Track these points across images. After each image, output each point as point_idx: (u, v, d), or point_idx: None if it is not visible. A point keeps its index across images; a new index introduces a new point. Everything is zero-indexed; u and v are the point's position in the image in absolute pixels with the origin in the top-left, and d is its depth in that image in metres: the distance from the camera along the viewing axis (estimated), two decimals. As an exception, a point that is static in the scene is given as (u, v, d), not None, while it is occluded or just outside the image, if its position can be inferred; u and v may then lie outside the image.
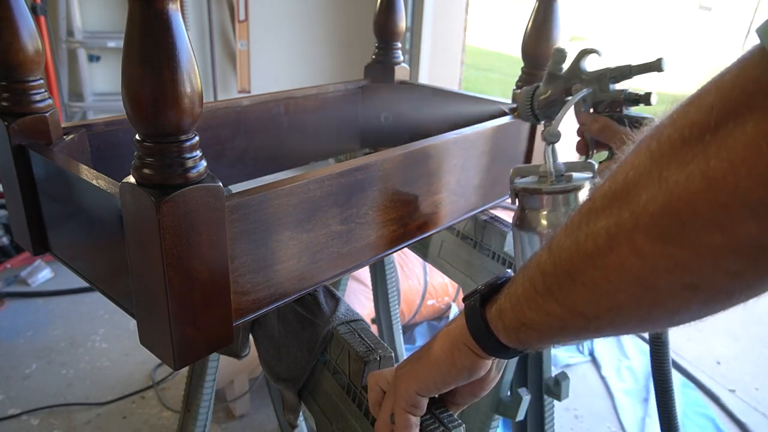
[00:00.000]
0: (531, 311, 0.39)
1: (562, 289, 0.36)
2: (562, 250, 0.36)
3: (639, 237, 0.30)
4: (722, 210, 0.27)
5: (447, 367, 0.45)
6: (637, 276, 0.31)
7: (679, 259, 0.29)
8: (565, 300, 0.36)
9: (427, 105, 0.96)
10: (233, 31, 2.63)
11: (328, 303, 0.62)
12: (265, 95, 0.85)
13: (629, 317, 0.34)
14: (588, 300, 0.34)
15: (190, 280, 0.45)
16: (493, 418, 0.86)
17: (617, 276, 0.32)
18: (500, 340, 0.42)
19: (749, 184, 0.26)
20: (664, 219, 0.29)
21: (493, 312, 0.43)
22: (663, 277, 0.30)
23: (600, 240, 0.33)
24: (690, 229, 0.28)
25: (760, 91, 0.26)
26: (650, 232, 0.30)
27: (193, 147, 0.42)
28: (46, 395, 1.58)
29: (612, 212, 0.32)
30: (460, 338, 0.44)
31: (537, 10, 0.76)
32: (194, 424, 1.04)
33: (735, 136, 0.26)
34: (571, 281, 0.35)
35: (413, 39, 2.65)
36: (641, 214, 0.30)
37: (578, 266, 0.34)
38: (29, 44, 0.56)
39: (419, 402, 0.47)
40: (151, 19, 0.37)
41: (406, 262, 1.82)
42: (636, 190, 0.31)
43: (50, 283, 2.11)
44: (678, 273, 0.30)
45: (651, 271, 0.31)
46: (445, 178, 0.70)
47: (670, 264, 0.30)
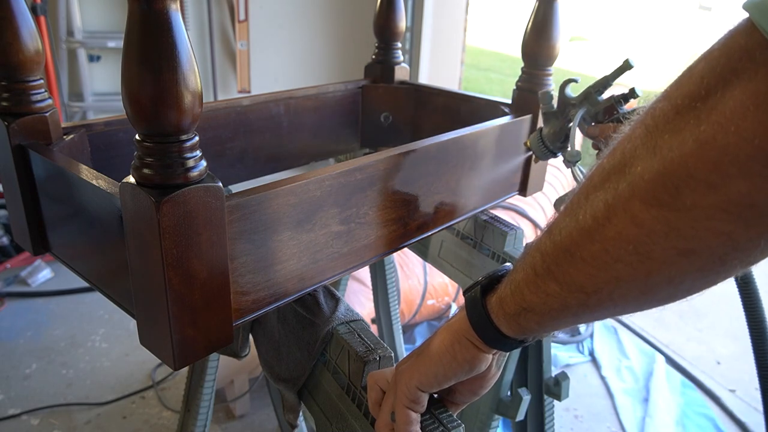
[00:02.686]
0: (531, 294, 0.39)
1: (561, 267, 0.36)
2: (561, 229, 0.37)
3: (636, 204, 0.31)
4: (713, 169, 0.28)
5: (448, 361, 0.45)
6: (634, 244, 0.32)
7: (673, 223, 0.30)
8: (564, 277, 0.36)
9: (427, 105, 0.96)
10: (233, 31, 2.63)
11: (328, 303, 0.62)
12: (265, 95, 0.85)
13: (628, 289, 0.34)
14: (587, 274, 0.35)
15: (190, 280, 0.45)
16: (493, 418, 0.86)
17: (615, 246, 0.33)
18: (501, 329, 0.43)
19: (737, 141, 0.27)
20: (659, 184, 0.30)
21: (494, 301, 0.43)
22: (659, 242, 0.31)
23: (598, 213, 0.33)
24: (683, 191, 0.29)
25: (747, 57, 0.27)
26: (646, 198, 0.31)
27: (193, 147, 0.42)
28: (46, 395, 1.58)
29: (610, 186, 0.33)
30: (461, 331, 0.45)
31: (537, 10, 0.76)
32: (194, 424, 1.04)
33: (724, 101, 0.28)
34: (569, 257, 0.36)
35: (413, 39, 2.64)
36: (637, 182, 0.31)
37: (577, 241, 0.35)
38: (29, 44, 0.56)
39: (420, 397, 0.47)
40: (151, 19, 0.37)
41: (406, 262, 1.82)
42: (632, 162, 0.32)
43: (50, 283, 2.11)
44: (673, 238, 0.30)
45: (647, 237, 0.31)
46: (445, 178, 0.70)
47: (666, 228, 0.30)
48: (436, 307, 1.86)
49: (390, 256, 1.28)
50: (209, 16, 2.56)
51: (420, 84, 0.98)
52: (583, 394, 1.72)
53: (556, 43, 0.77)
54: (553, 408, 0.93)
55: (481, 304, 0.44)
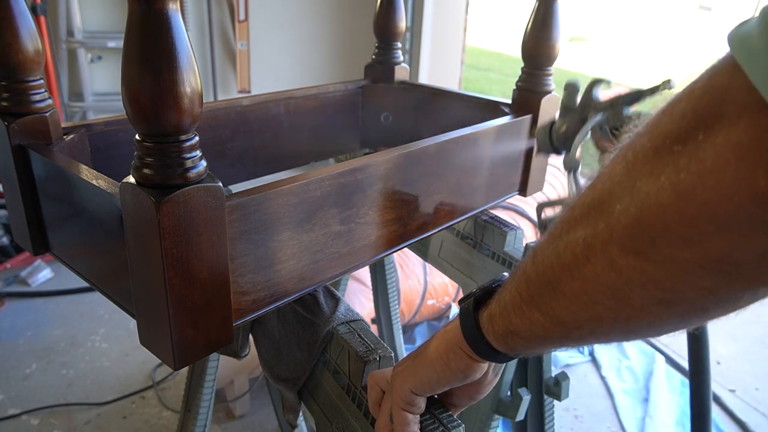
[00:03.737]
0: (517, 318, 0.39)
1: (544, 298, 0.36)
2: (544, 258, 0.36)
3: (614, 249, 0.30)
4: (690, 225, 0.26)
5: (442, 369, 0.45)
6: (611, 289, 0.31)
7: (651, 274, 0.29)
8: (547, 309, 0.36)
9: (427, 105, 0.96)
10: (233, 31, 2.63)
11: (328, 303, 0.62)
12: (265, 95, 0.85)
13: (609, 329, 0.33)
14: (568, 310, 0.34)
15: (190, 280, 0.45)
16: (493, 418, 0.86)
17: (593, 288, 0.32)
18: (492, 344, 0.42)
19: (717, 198, 0.25)
20: (636, 232, 0.29)
21: (485, 317, 0.42)
22: (636, 291, 0.30)
23: (578, 250, 0.32)
24: (660, 243, 0.28)
25: (729, 100, 0.25)
26: (623, 244, 0.30)
27: (193, 147, 0.42)
28: (46, 395, 1.58)
29: (589, 222, 0.32)
30: (455, 341, 0.44)
31: (537, 10, 0.76)
32: (194, 424, 1.04)
33: (705, 148, 0.26)
34: (552, 290, 0.35)
35: (413, 39, 2.64)
36: (615, 225, 0.30)
37: (558, 275, 0.34)
38: (29, 44, 0.56)
39: (415, 400, 0.47)
40: (151, 19, 0.37)
41: (406, 262, 1.82)
42: (611, 200, 0.31)
43: (50, 283, 2.11)
44: (650, 288, 0.29)
45: (625, 284, 0.30)
46: (445, 178, 0.70)
47: (643, 278, 0.29)
48: (436, 307, 1.86)
49: (390, 256, 1.28)
50: (209, 16, 2.56)
51: (420, 84, 0.98)
52: (583, 394, 1.72)
53: (556, 43, 0.77)
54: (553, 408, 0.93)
55: (473, 318, 0.43)
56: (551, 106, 0.82)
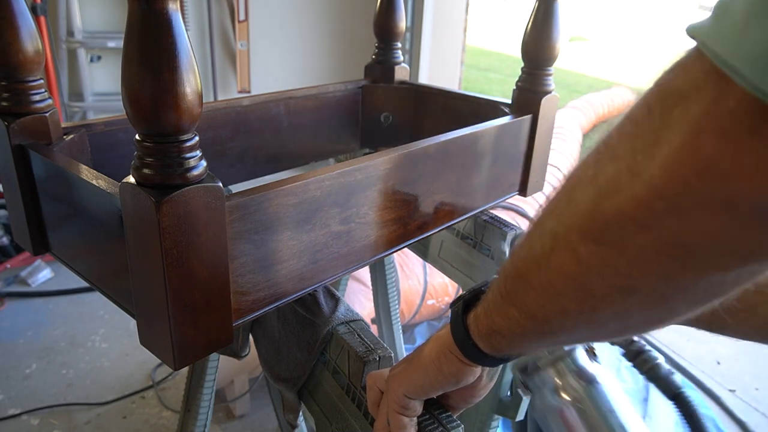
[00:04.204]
0: (497, 316, 0.39)
1: (518, 293, 0.36)
2: (519, 253, 0.36)
3: (574, 237, 0.30)
4: (642, 206, 0.26)
5: (434, 373, 0.45)
6: (573, 279, 0.31)
7: (608, 260, 0.29)
8: (520, 303, 0.36)
9: (427, 105, 0.96)
10: (233, 31, 2.63)
11: (328, 303, 0.62)
12: (265, 95, 0.85)
13: (576, 322, 0.33)
14: (537, 303, 0.34)
15: (190, 280, 0.45)
16: (493, 418, 0.86)
17: (558, 279, 0.32)
18: (479, 346, 0.42)
19: (664, 174, 0.25)
20: (594, 219, 0.29)
21: (472, 318, 0.42)
22: (596, 279, 0.30)
23: (545, 241, 0.32)
24: (615, 228, 0.28)
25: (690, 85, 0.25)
26: (582, 231, 0.29)
27: (193, 147, 0.42)
28: (46, 395, 1.58)
29: (557, 213, 0.32)
30: (446, 345, 0.44)
31: (537, 10, 0.76)
32: (194, 424, 1.04)
33: (658, 127, 0.26)
34: (523, 283, 0.35)
35: (413, 39, 2.64)
36: (576, 213, 0.30)
37: (529, 268, 0.34)
38: (29, 44, 0.56)
39: (410, 404, 0.47)
40: (151, 19, 0.37)
41: (406, 262, 1.81)
42: (576, 189, 0.31)
43: (50, 283, 2.11)
44: (609, 275, 0.29)
45: (586, 273, 0.30)
46: (445, 178, 0.70)
47: (601, 265, 0.29)
48: (436, 307, 1.86)
49: (390, 256, 1.28)
50: (209, 16, 2.56)
51: (420, 84, 0.98)
52: (583, 394, 1.72)
53: (556, 43, 0.77)
54: (553, 408, 0.92)
55: (461, 321, 0.43)
56: (551, 106, 0.82)
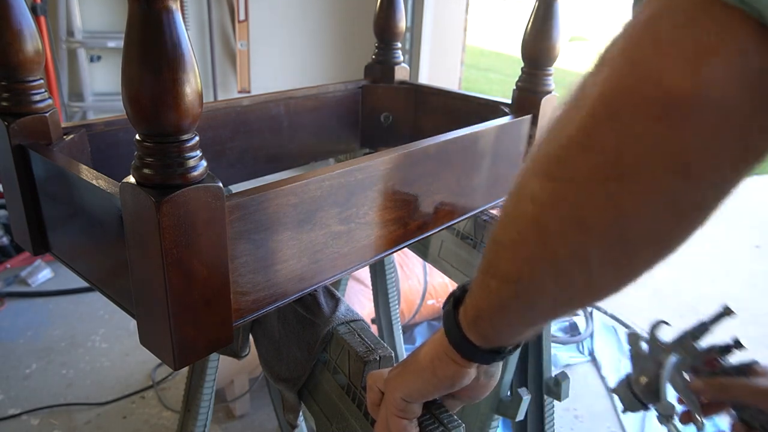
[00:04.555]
0: (478, 296, 0.40)
1: (492, 256, 0.37)
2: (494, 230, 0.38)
3: (532, 180, 0.32)
4: (586, 127, 0.28)
5: (429, 377, 0.45)
6: (534, 220, 0.32)
7: (560, 193, 0.30)
8: (495, 268, 0.37)
9: (427, 105, 0.96)
10: (233, 31, 2.63)
11: (328, 303, 0.62)
12: (265, 95, 0.85)
13: (543, 272, 0.34)
14: (506, 259, 0.36)
15: (190, 280, 0.45)
16: (493, 418, 0.86)
17: (522, 225, 0.33)
18: (470, 339, 0.42)
19: (605, 90, 0.27)
20: (546, 157, 0.31)
21: (462, 312, 0.43)
22: (552, 214, 0.31)
23: (512, 195, 0.34)
24: (564, 157, 0.30)
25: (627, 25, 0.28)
26: (537, 173, 0.32)
27: (194, 147, 0.42)
28: (46, 395, 1.58)
29: (522, 167, 0.34)
30: (441, 347, 0.44)
31: (537, 10, 0.76)
32: (194, 424, 1.04)
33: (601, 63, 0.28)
34: (496, 244, 0.37)
35: (413, 39, 2.65)
36: (536, 157, 0.32)
37: (500, 227, 0.36)
38: (29, 44, 0.56)
39: (408, 407, 0.47)
40: (151, 19, 0.37)
41: (406, 262, 1.82)
42: (539, 141, 0.33)
43: (50, 283, 2.11)
44: (563, 208, 0.30)
45: (541, 211, 0.32)
46: (445, 178, 0.70)
47: (554, 199, 0.31)
48: (436, 307, 1.86)
49: (390, 256, 1.28)
50: (209, 16, 2.56)
51: (420, 84, 0.98)
52: (583, 394, 1.72)
53: (556, 43, 0.77)
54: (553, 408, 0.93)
55: (452, 317, 0.43)
56: (551, 106, 0.82)
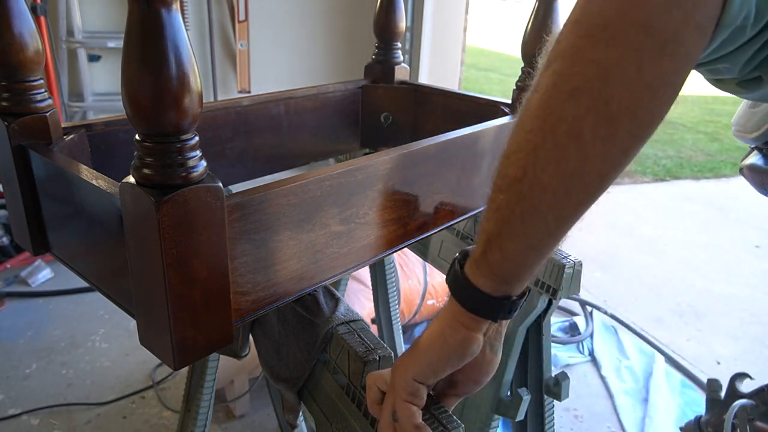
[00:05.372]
0: (486, 222, 0.42)
1: (499, 172, 0.41)
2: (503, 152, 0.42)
3: (536, 77, 0.40)
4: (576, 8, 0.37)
5: (440, 346, 0.46)
6: (537, 107, 0.39)
7: (557, 69, 0.38)
8: (502, 180, 0.41)
9: (427, 105, 0.96)
10: (233, 31, 2.63)
11: (328, 303, 0.63)
12: (265, 95, 0.85)
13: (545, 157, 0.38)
14: (514, 161, 0.40)
15: (190, 280, 0.45)
16: (493, 418, 0.86)
17: (527, 120, 0.39)
18: (478, 286, 0.44)
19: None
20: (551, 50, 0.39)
21: (469, 265, 0.45)
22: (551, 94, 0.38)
23: (518, 116, 0.41)
24: (560, 39, 0.38)
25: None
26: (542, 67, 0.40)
27: (193, 147, 0.42)
28: (46, 395, 1.58)
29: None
30: (449, 315, 0.46)
31: (537, 10, 0.76)
32: (194, 424, 1.04)
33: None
34: (503, 158, 0.41)
35: (413, 39, 2.64)
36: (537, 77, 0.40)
37: (508, 142, 0.41)
38: (29, 44, 0.56)
39: (418, 390, 0.47)
40: (151, 18, 0.37)
41: (406, 262, 1.82)
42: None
43: (50, 283, 2.11)
44: (560, 83, 0.37)
45: (544, 94, 0.38)
46: (445, 178, 0.70)
47: (554, 78, 0.38)
48: (436, 307, 1.86)
49: (390, 256, 1.28)
50: (209, 16, 2.56)
51: (420, 84, 0.98)
52: (583, 394, 1.72)
53: (556, 43, 0.77)
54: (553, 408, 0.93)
55: (460, 273, 0.45)
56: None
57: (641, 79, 0.35)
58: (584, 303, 2.16)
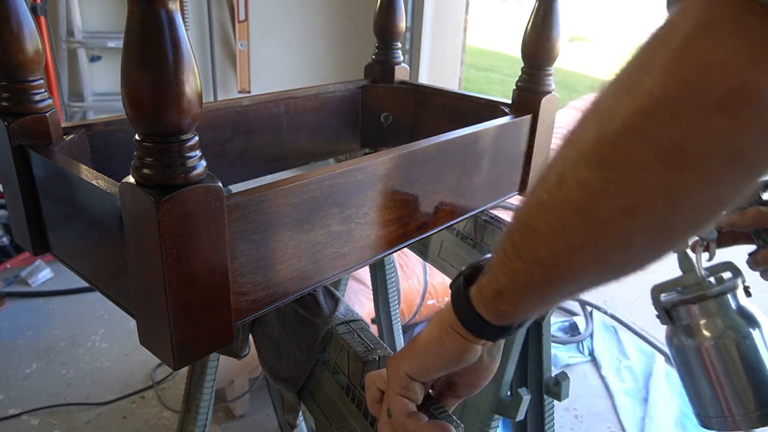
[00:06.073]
0: (502, 275, 0.40)
1: (523, 242, 0.37)
2: (522, 207, 0.37)
3: (581, 167, 0.32)
4: (643, 114, 0.28)
5: (436, 350, 0.45)
6: (581, 207, 0.33)
7: (613, 180, 0.31)
8: (526, 253, 0.37)
9: (427, 105, 0.96)
10: (233, 31, 2.63)
11: (328, 303, 0.63)
12: (265, 95, 0.85)
13: (583, 256, 0.34)
14: (545, 246, 0.36)
15: (190, 280, 0.45)
16: (493, 418, 0.86)
17: (565, 211, 0.34)
18: (482, 316, 0.43)
19: (665, 80, 0.27)
20: (600, 144, 0.31)
21: (474, 289, 0.43)
22: (602, 202, 0.32)
23: (551, 184, 0.34)
24: (620, 145, 0.30)
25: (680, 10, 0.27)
26: (590, 160, 0.31)
27: (193, 147, 0.42)
28: (46, 395, 1.58)
29: (561, 155, 0.34)
30: (448, 322, 0.45)
31: (537, 10, 0.76)
32: (194, 424, 1.04)
33: (657, 47, 0.28)
34: (529, 231, 0.37)
35: (413, 39, 2.64)
36: (582, 145, 0.32)
37: (535, 213, 0.36)
38: (29, 44, 0.56)
39: (411, 384, 0.47)
40: (151, 18, 0.37)
41: (406, 262, 1.82)
42: (581, 129, 0.33)
43: (50, 283, 2.11)
44: (614, 195, 0.31)
45: (592, 197, 0.32)
46: (445, 178, 0.70)
47: (607, 186, 0.31)
48: (436, 307, 1.86)
49: (390, 256, 1.28)
50: (209, 16, 2.56)
51: (420, 84, 0.98)
52: (583, 394, 1.72)
53: (556, 43, 0.77)
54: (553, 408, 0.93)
55: (463, 293, 0.44)
56: (551, 106, 0.82)
57: (716, 201, 0.30)
58: (584, 303, 2.16)
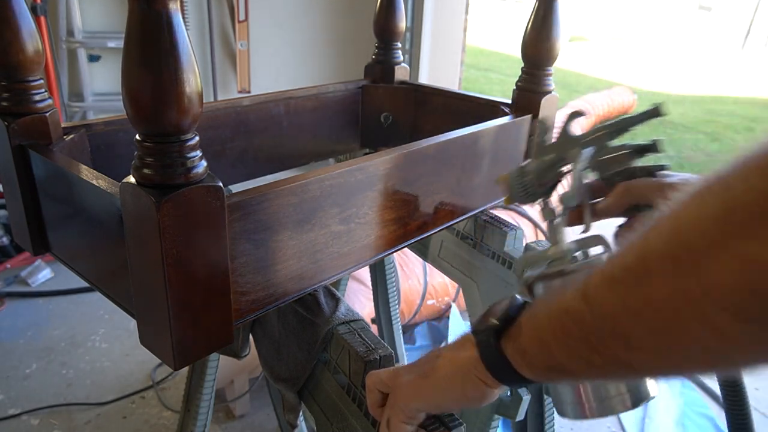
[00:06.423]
0: (563, 356, 0.36)
1: (608, 346, 0.33)
2: (603, 305, 0.33)
3: (718, 314, 0.27)
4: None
5: (456, 396, 0.44)
6: (714, 352, 0.29)
7: (761, 338, 0.27)
8: (612, 356, 0.33)
9: (427, 105, 0.96)
10: (233, 31, 2.63)
11: (328, 303, 0.63)
12: (265, 95, 0.85)
13: (691, 373, 0.32)
14: (645, 360, 0.32)
15: (190, 280, 0.45)
16: (493, 418, 0.86)
17: (689, 350, 0.30)
18: (524, 375, 0.40)
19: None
20: (747, 296, 0.26)
21: (513, 351, 0.40)
22: (741, 355, 0.28)
23: (665, 313, 0.29)
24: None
25: None
26: (728, 309, 0.27)
27: (193, 147, 0.42)
28: (46, 395, 1.58)
29: (670, 277, 0.29)
30: (472, 371, 0.43)
31: (537, 10, 0.76)
32: (194, 424, 1.04)
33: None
34: (622, 342, 0.32)
35: (413, 39, 2.64)
36: (713, 286, 0.27)
37: (634, 332, 0.31)
38: (29, 44, 0.56)
39: (418, 416, 0.47)
40: (151, 19, 0.37)
41: (406, 262, 1.82)
42: (701, 258, 0.27)
43: (50, 283, 2.11)
44: (759, 351, 0.27)
45: (731, 349, 0.28)
46: (445, 178, 0.70)
47: (751, 343, 0.27)
48: (436, 307, 1.86)
49: (390, 256, 1.28)
50: (209, 16, 2.56)
51: (420, 84, 0.98)
52: (583, 394, 1.72)
53: (556, 43, 0.77)
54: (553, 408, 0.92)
55: (496, 352, 0.41)
56: (551, 106, 0.82)
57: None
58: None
